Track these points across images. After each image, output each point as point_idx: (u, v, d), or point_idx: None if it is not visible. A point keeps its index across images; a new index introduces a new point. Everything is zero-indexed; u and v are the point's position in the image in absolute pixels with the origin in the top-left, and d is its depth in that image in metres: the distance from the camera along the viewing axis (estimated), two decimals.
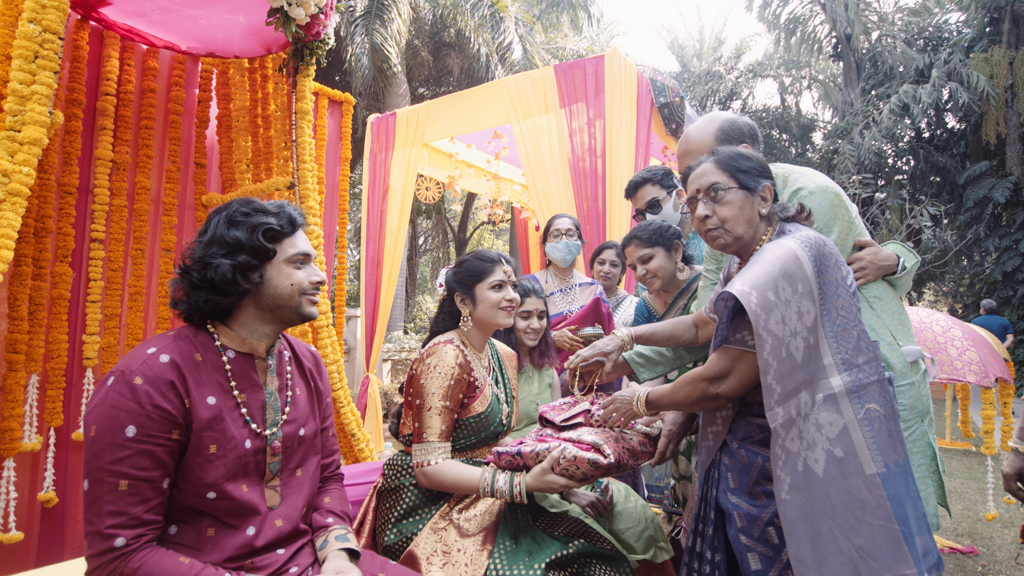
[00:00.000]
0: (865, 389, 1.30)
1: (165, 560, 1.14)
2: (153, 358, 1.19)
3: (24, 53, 1.93)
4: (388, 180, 4.99)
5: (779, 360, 1.27)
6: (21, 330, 2.30)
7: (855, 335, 1.33)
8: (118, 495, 1.12)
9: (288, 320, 1.38)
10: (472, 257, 1.86)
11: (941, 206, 12.85)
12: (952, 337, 5.26)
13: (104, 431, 1.13)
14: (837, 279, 1.36)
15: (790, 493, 1.26)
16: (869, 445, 1.26)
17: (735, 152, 1.52)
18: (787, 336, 1.28)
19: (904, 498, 1.26)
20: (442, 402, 1.65)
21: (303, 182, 2.83)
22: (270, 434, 1.32)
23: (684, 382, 1.46)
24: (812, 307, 1.31)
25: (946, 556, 3.34)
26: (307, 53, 2.74)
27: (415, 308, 17.18)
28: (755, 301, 1.28)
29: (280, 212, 1.36)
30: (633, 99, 4.06)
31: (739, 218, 1.45)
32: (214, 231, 1.30)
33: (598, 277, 3.14)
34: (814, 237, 1.38)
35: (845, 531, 1.22)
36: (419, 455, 1.64)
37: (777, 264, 1.33)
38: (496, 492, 1.57)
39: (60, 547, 2.53)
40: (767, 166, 1.54)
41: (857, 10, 15.49)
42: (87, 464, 1.14)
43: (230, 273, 1.26)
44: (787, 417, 1.27)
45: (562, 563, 1.56)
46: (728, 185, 1.46)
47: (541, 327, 2.42)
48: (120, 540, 1.11)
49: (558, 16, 14.91)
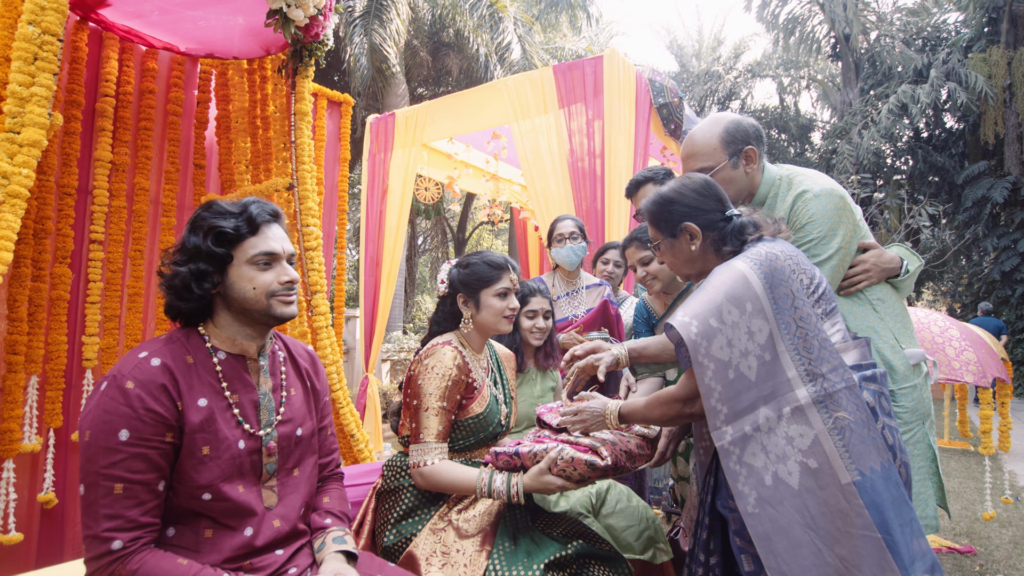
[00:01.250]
0: (832, 398, 1.30)
1: (163, 562, 1.14)
2: (144, 362, 1.20)
3: (23, 55, 1.93)
4: (387, 180, 5.00)
5: (724, 383, 1.30)
6: (21, 331, 2.31)
7: (816, 344, 1.33)
8: (114, 499, 1.13)
9: (262, 322, 1.35)
10: (480, 261, 1.82)
11: (939, 206, 12.85)
12: (950, 337, 5.27)
13: (98, 435, 1.14)
14: (793, 291, 1.36)
15: (758, 507, 1.27)
16: (841, 454, 1.26)
17: (655, 203, 1.58)
18: (735, 358, 1.31)
19: (884, 505, 1.25)
20: (439, 403, 1.65)
21: (302, 183, 2.83)
22: (265, 434, 1.32)
23: (658, 402, 1.48)
24: (765, 324, 1.33)
25: (944, 556, 3.35)
26: (306, 54, 2.74)
27: (414, 308, 17.18)
28: (695, 330, 1.32)
29: (241, 212, 1.31)
30: (632, 100, 4.07)
31: (677, 263, 1.59)
32: (183, 237, 1.31)
33: (600, 277, 3.14)
34: (765, 254, 1.40)
35: (828, 542, 1.23)
36: (416, 455, 1.64)
37: (722, 289, 1.36)
38: (494, 493, 1.57)
39: (60, 548, 2.53)
40: (701, 196, 1.54)
41: (856, 10, 15.49)
42: (82, 468, 1.14)
43: (188, 279, 1.27)
44: (738, 434, 1.30)
45: (561, 564, 1.57)
46: (657, 239, 1.60)
47: (546, 327, 2.40)
48: (117, 543, 1.12)
49: (557, 16, 14.92)
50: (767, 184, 1.78)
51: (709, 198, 1.54)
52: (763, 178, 1.79)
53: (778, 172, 1.80)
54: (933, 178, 15.18)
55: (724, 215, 1.52)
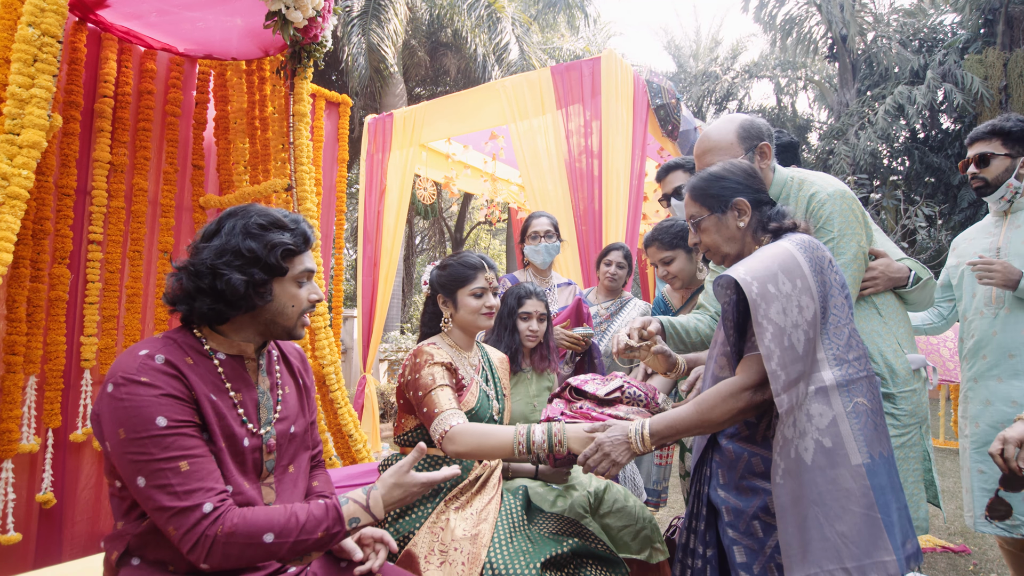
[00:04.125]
0: (854, 384, 1.35)
1: (252, 514, 1.16)
2: (149, 359, 1.19)
3: (23, 57, 1.94)
4: (385, 180, 5.00)
5: (782, 348, 1.30)
6: (19, 332, 2.31)
7: (847, 333, 1.38)
8: (184, 476, 1.13)
9: (277, 336, 1.37)
10: (455, 262, 1.90)
11: (936, 206, 12.88)
12: (944, 338, 5.29)
13: (136, 429, 1.13)
14: (831, 280, 1.41)
15: (783, 478, 1.31)
16: (856, 437, 1.30)
17: (704, 179, 1.58)
18: (789, 327, 1.32)
19: (886, 488, 1.31)
20: (443, 380, 1.71)
21: (301, 184, 2.84)
22: (265, 432, 1.34)
23: (719, 398, 1.38)
24: (811, 303, 1.35)
25: (938, 555, 3.37)
26: (305, 56, 2.74)
27: (411, 308, 17.17)
28: (756, 290, 1.33)
29: (296, 228, 1.33)
30: (630, 101, 4.08)
31: (718, 241, 1.56)
32: (228, 239, 1.27)
33: (604, 278, 3.14)
34: (808, 240, 1.44)
35: (830, 518, 1.27)
36: (437, 428, 1.62)
37: (775, 261, 1.37)
38: (533, 446, 1.51)
39: (58, 548, 2.53)
40: (748, 175, 1.58)
41: (853, 11, 15.53)
42: (134, 464, 1.12)
43: (242, 287, 1.24)
44: (790, 404, 1.31)
45: (558, 563, 1.58)
46: (701, 215, 1.57)
47: (540, 329, 2.41)
48: (208, 506, 1.13)
49: (555, 16, 14.95)
50: (778, 184, 1.81)
51: (756, 179, 1.58)
52: (774, 178, 1.81)
53: (789, 173, 1.82)
54: (929, 179, 15.23)
55: (767, 198, 1.56)
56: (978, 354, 2.26)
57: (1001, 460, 1.46)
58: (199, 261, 1.26)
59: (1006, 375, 2.17)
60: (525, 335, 2.40)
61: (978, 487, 2.19)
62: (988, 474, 2.16)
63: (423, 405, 1.68)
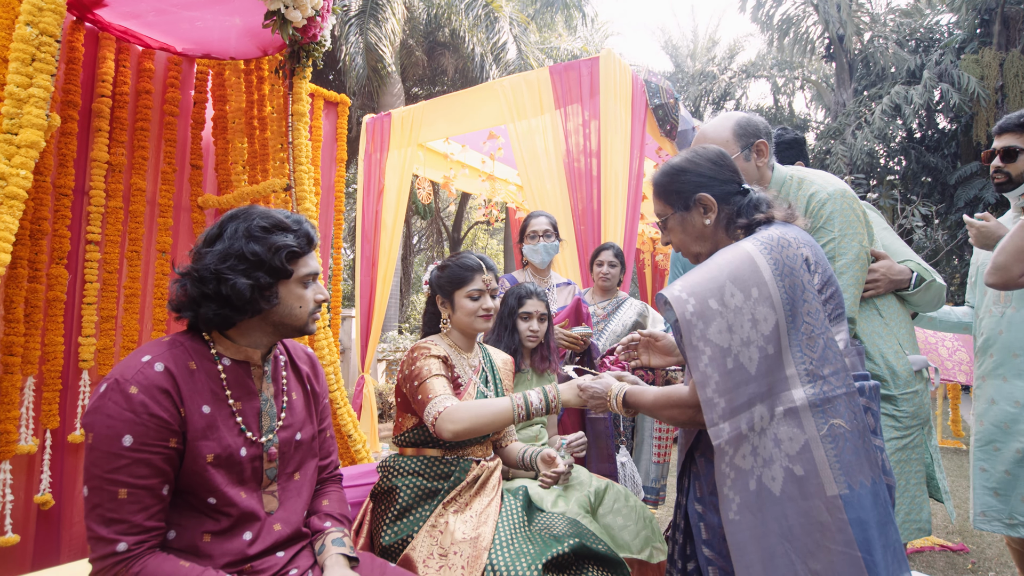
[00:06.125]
0: (830, 403, 1.19)
1: (166, 564, 1.14)
2: (148, 366, 1.19)
3: (21, 56, 1.92)
4: (383, 180, 5.00)
5: (721, 372, 1.19)
6: (17, 332, 2.30)
7: (822, 343, 1.22)
8: (118, 503, 1.12)
9: (288, 335, 1.38)
10: (454, 263, 1.90)
11: (932, 206, 12.94)
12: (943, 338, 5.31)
13: (101, 440, 1.13)
14: (803, 283, 1.24)
15: (739, 514, 1.19)
16: (832, 464, 1.16)
17: (665, 174, 1.48)
18: (736, 346, 1.19)
19: (869, 523, 1.15)
20: (438, 371, 1.72)
21: (299, 184, 2.83)
22: (266, 440, 1.32)
23: (668, 403, 1.36)
24: (771, 313, 1.21)
25: (936, 554, 3.38)
26: (303, 55, 2.73)
27: (410, 308, 17.16)
28: (691, 309, 1.21)
29: (299, 230, 1.32)
30: (628, 100, 4.08)
31: (686, 240, 1.46)
32: (231, 243, 1.25)
33: (597, 278, 3.14)
34: (777, 238, 1.28)
35: (802, 555, 1.15)
36: (431, 412, 1.63)
37: (726, 269, 1.24)
38: (532, 410, 1.59)
39: (56, 550, 2.52)
40: (715, 165, 1.44)
41: (849, 11, 15.58)
42: (87, 471, 1.14)
43: (248, 292, 1.23)
44: (735, 433, 1.19)
45: (559, 564, 1.58)
46: (665, 214, 1.48)
47: (541, 329, 2.41)
48: (122, 545, 1.12)
49: (552, 16, 14.95)
50: (777, 183, 1.80)
51: (724, 168, 1.43)
52: (772, 177, 1.80)
53: (788, 172, 1.81)
54: (926, 178, 15.28)
55: (740, 187, 1.41)
56: (986, 352, 2.24)
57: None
58: (203, 267, 1.24)
59: (1011, 374, 2.15)
60: (525, 335, 2.40)
61: (979, 485, 2.19)
62: (990, 472, 2.16)
63: (418, 393, 1.69)
